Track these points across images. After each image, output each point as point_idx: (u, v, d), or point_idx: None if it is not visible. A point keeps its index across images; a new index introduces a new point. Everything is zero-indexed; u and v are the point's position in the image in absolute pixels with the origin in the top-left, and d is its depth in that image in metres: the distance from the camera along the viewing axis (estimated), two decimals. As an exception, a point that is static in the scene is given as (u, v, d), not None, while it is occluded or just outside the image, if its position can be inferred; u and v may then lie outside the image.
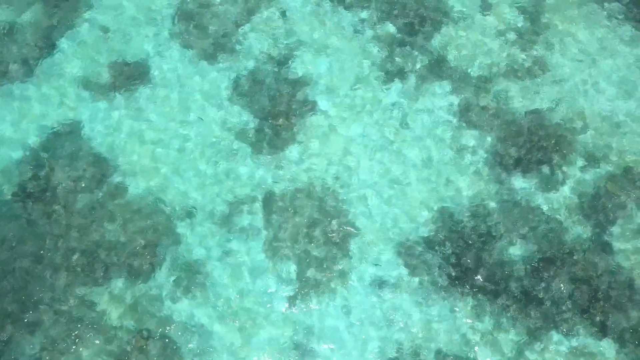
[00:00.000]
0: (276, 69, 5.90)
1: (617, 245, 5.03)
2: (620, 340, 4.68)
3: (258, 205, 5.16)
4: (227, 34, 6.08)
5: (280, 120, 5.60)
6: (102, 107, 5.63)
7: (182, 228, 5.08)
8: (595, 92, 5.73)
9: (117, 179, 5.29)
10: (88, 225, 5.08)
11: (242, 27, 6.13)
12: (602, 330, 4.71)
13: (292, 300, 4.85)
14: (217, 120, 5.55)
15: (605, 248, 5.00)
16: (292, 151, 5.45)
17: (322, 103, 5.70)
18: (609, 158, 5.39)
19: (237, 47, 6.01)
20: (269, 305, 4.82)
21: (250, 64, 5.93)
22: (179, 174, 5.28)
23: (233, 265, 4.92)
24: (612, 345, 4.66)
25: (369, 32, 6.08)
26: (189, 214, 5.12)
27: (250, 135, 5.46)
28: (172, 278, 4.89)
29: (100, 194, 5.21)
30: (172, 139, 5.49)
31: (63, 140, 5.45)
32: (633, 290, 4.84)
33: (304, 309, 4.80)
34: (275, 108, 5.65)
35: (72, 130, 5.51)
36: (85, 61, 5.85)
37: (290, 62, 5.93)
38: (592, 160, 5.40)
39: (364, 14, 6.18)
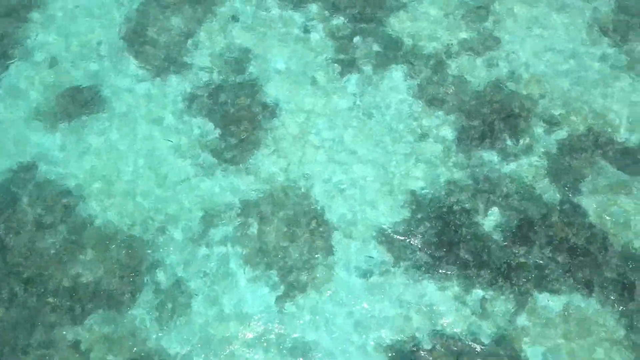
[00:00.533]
0: (232, 76, 5.84)
1: (588, 201, 5.12)
2: (605, 293, 4.77)
3: (233, 215, 5.08)
4: (177, 46, 5.99)
5: (243, 127, 5.55)
6: (56, 137, 5.48)
7: (157, 250, 4.98)
8: (547, 58, 5.84)
9: (82, 210, 5.15)
10: (59, 263, 4.92)
11: (193, 37, 6.05)
12: (587, 287, 4.79)
13: (280, 304, 4.80)
14: (178, 135, 5.45)
15: (578, 206, 5.09)
16: (260, 156, 5.39)
17: (284, 102, 5.67)
18: (569, 119, 5.49)
19: (190, 58, 5.93)
20: (258, 315, 4.75)
21: (205, 74, 5.86)
22: (146, 196, 5.16)
23: (216, 280, 4.84)
24: (598, 300, 4.75)
25: (320, 28, 6.07)
26: (163, 235, 4.99)
27: (215, 146, 5.37)
28: (156, 303, 4.78)
29: (67, 229, 5.06)
30: (134, 161, 5.38)
31: (19, 177, 5.27)
32: (609, 243, 4.93)
33: (293, 312, 4.77)
34: (237, 115, 5.59)
35: (28, 166, 5.34)
36: (35, 91, 5.66)
37: (245, 67, 5.88)
38: (553, 123, 5.49)
39: (313, 11, 6.16)
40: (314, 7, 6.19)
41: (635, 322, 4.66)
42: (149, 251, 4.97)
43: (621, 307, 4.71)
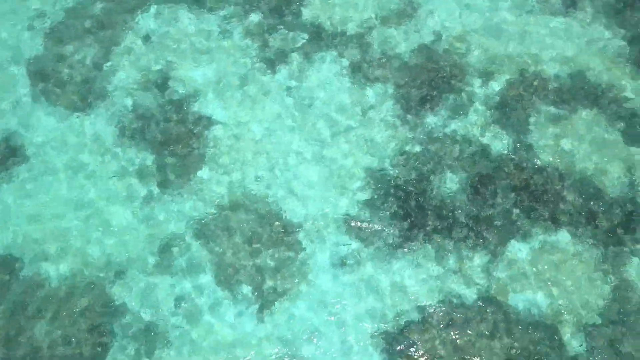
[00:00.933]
0: (157, 95, 5.56)
1: (537, 142, 5.20)
2: (571, 225, 4.85)
3: (190, 239, 4.90)
4: (91, 78, 5.65)
5: (181, 145, 5.29)
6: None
7: (119, 294, 4.73)
8: (468, 13, 5.90)
9: (29, 271, 4.80)
10: (16, 330, 4.53)
11: (106, 65, 5.72)
12: (554, 223, 4.86)
13: (260, 317, 4.63)
14: (113, 170, 5.21)
15: (528, 149, 5.16)
16: (204, 172, 5.18)
17: (216, 113, 5.46)
18: (502, 67, 5.57)
19: (108, 87, 5.60)
20: (240, 333, 4.57)
21: (128, 100, 5.56)
22: (94, 241, 4.91)
23: (189, 311, 4.66)
24: (566, 233, 4.82)
25: (238, 28, 5.89)
26: (121, 277, 4.78)
27: (155, 172, 5.18)
28: (130, 351, 4.49)
29: (17, 293, 4.66)
30: (72, 207, 5.06)
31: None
32: (564, 177, 5.02)
33: (276, 320, 4.62)
34: (171, 135, 5.34)
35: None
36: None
37: (168, 83, 5.62)
38: (487, 75, 5.55)
39: (227, 12, 5.97)
40: (227, 9, 5.99)
41: (606, 247, 4.76)
42: (112, 299, 4.69)
43: (589, 236, 4.80)
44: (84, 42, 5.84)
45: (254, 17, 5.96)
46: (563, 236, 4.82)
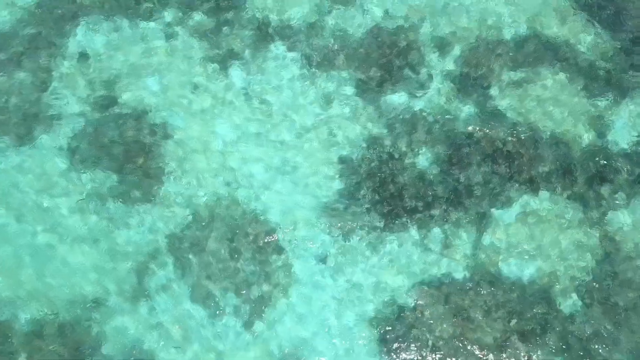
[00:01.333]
0: (107, 113, 5.24)
1: (503, 105, 5.17)
2: (549, 185, 4.82)
3: (164, 256, 4.71)
4: (32, 104, 5.28)
5: (140, 161, 5.02)
6: None
7: (99, 327, 4.50)
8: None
9: (-1, 317, 4.49)
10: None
11: (48, 88, 5.35)
12: (533, 185, 4.83)
13: (248, 326, 4.46)
14: (70, 198, 4.91)
15: (495, 115, 5.10)
16: (169, 184, 4.95)
17: (172, 121, 5.20)
18: (457, 36, 5.49)
19: (51, 111, 5.25)
20: (231, 346, 4.41)
21: (77, 122, 5.22)
22: (64, 277, 4.65)
23: (176, 329, 4.47)
24: (546, 194, 4.80)
25: (182, 31, 5.61)
26: (99, 309, 4.54)
27: (116, 192, 4.93)
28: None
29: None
30: (35, 244, 4.75)
31: None
32: (535, 139, 5.00)
33: (266, 327, 4.48)
34: (128, 152, 5.06)
35: None
36: None
37: (117, 99, 5.30)
38: (443, 47, 5.47)
39: (168, 16, 5.68)
40: (167, 14, 5.70)
41: (587, 203, 4.74)
42: (91, 331, 4.45)
43: (568, 195, 4.78)
44: (22, 64, 5.44)
45: (197, 19, 5.69)
46: (543, 198, 4.81)
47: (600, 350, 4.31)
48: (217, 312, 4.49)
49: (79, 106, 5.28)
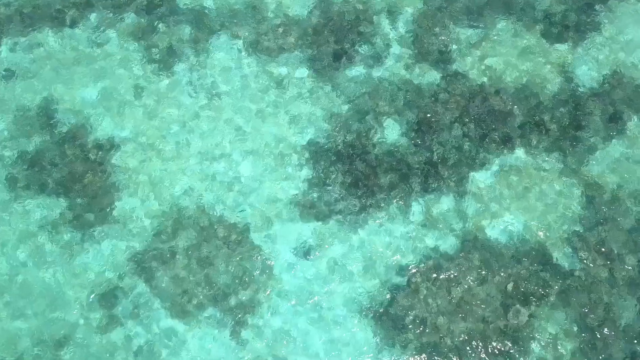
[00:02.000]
0: (45, 134, 4.81)
1: (465, 65, 5.00)
2: (523, 139, 4.69)
3: (131, 277, 4.38)
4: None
5: (87, 179, 4.61)
6: None
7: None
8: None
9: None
10: None
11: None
12: (507, 143, 4.70)
13: (236, 335, 4.17)
14: (19, 231, 4.53)
15: (458, 76, 4.92)
16: (124, 199, 4.62)
17: (117, 131, 4.82)
18: (405, 1, 5.25)
19: (-19, 143, 4.77)
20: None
21: (12, 149, 4.74)
22: (26, 317, 4.28)
23: (154, 350, 4.16)
24: (522, 149, 4.64)
25: (112, 35, 5.23)
26: (67, 348, 4.20)
27: (69, 218, 4.58)
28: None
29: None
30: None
31: None
32: (501, 94, 4.86)
33: (254, 335, 4.21)
34: (72, 172, 4.71)
35: None
36: None
37: (54, 115, 4.87)
38: (394, 12, 5.27)
39: (95, 22, 5.25)
40: (94, 19, 5.27)
41: (564, 151, 4.60)
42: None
43: (545, 145, 4.63)
44: None
45: (128, 20, 5.28)
46: (520, 153, 4.67)
47: (603, 298, 4.16)
48: (196, 325, 4.23)
49: (11, 129, 4.80)
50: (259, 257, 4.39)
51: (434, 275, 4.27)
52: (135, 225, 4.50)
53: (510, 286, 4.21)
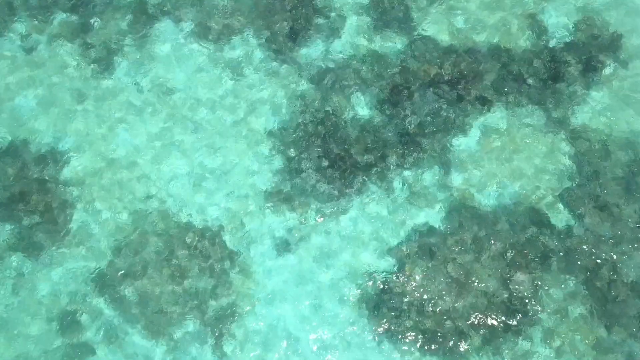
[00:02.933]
0: (-23, 154, 4.35)
1: (430, 28, 4.70)
2: (501, 97, 4.44)
3: (93, 298, 4.04)
4: None
5: (33, 199, 4.22)
6: None
7: None
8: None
9: None
10: None
11: None
12: (485, 102, 4.45)
13: (218, 348, 3.84)
14: None
15: (424, 40, 4.66)
16: (79, 215, 4.26)
17: (62, 144, 4.48)
18: (357, -36, 4.95)
19: None
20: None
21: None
22: None
23: None
24: (501, 107, 4.38)
25: (44, 39, 4.76)
26: None
27: (16, 240, 4.24)
28: None
29: None
30: None
31: None
32: (473, 52, 4.59)
33: (238, 345, 3.91)
34: (17, 192, 4.33)
35: None
36: None
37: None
38: (347, -20, 4.90)
39: (21, 28, 4.85)
40: (20, 23, 4.79)
41: (545, 104, 4.34)
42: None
43: (525, 101, 4.39)
44: None
45: (58, 21, 4.85)
46: (499, 112, 4.37)
47: (604, 256, 3.93)
48: (176, 342, 3.91)
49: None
50: (235, 260, 4.07)
51: (427, 254, 4.01)
52: (93, 242, 4.16)
53: (509, 256, 3.92)
